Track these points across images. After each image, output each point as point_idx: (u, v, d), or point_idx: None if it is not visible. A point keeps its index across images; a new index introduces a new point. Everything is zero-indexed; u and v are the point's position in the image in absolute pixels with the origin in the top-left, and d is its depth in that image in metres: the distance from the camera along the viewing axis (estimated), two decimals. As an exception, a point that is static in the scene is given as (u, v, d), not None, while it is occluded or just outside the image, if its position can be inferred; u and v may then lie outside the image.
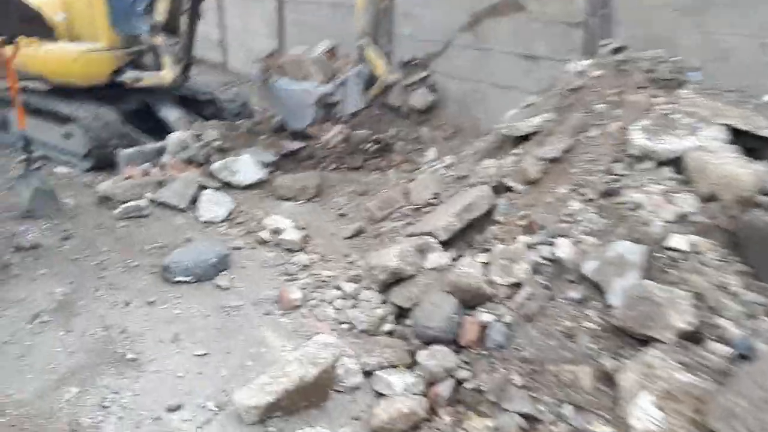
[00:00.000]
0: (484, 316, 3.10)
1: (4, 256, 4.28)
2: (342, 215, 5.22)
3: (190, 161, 6.03)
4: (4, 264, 4.20)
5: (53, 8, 6.71)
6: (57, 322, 3.52)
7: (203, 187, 5.49)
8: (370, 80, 6.23)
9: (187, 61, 6.80)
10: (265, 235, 4.72)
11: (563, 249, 3.15)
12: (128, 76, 6.85)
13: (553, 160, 3.82)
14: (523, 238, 3.40)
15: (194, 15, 6.62)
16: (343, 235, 4.80)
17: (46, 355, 3.23)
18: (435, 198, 4.77)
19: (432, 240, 3.65)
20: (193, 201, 5.34)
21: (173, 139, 6.09)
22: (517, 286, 3.17)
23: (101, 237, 4.73)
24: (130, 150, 6.06)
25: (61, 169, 6.31)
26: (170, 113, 7.00)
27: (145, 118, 7.32)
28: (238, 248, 4.57)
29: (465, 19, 6.96)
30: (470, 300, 3.20)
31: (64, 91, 6.84)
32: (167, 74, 6.79)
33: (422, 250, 3.58)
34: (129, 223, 5.00)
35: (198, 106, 7.53)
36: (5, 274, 4.09)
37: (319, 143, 6.70)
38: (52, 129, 6.60)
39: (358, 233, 4.80)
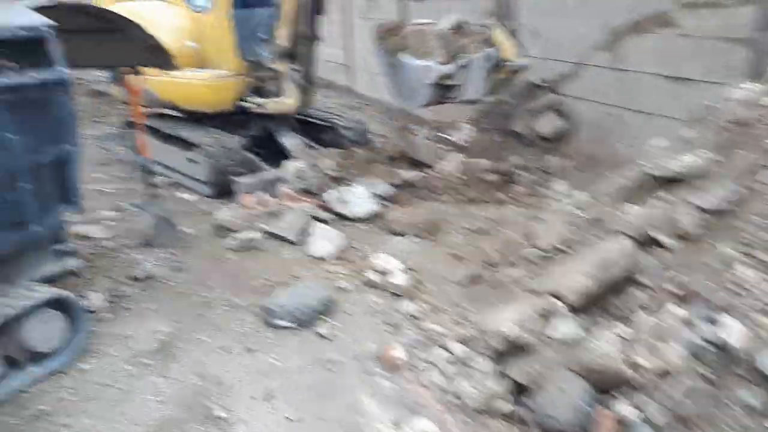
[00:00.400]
0: (623, 408, 2.52)
1: (121, 287, 4.31)
2: (456, 256, 4.78)
3: (305, 191, 5.91)
4: (120, 295, 4.23)
5: (184, 37, 6.97)
6: (155, 366, 3.42)
7: (315, 219, 5.32)
8: (496, 66, 5.70)
9: (308, 87, 6.74)
10: (372, 275, 4.40)
11: (731, 331, 2.50)
12: (252, 102, 6.95)
13: (715, 212, 3.14)
14: (676, 310, 2.77)
15: (313, 39, 6.56)
16: (457, 280, 4.36)
17: (140, 403, 3.11)
18: (564, 244, 4.19)
19: (559, 303, 3.11)
20: (305, 234, 5.18)
21: (290, 167, 6.01)
22: (668, 373, 2.56)
23: (212, 270, 4.67)
24: (248, 178, 6.07)
25: (185, 195, 6.47)
26: (289, 140, 6.98)
27: (266, 145, 7.41)
28: (344, 289, 4.29)
29: (601, 37, 6.27)
30: (605, 384, 2.63)
31: (193, 118, 7.07)
32: (289, 100, 6.79)
33: (546, 315, 3.05)
34: (240, 256, 4.92)
35: (317, 132, 7.49)
36: (118, 305, 4.11)
37: (436, 173, 6.34)
38: (179, 155, 6.82)
39: (473, 280, 4.34)
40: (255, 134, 7.28)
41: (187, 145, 6.62)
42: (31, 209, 3.25)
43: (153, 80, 6.57)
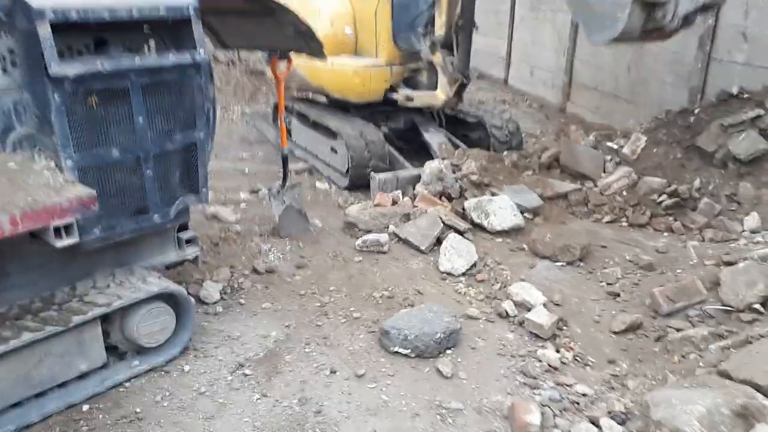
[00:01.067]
0: None
1: (239, 279, 4.13)
2: (613, 294, 4.02)
3: (442, 194, 5.41)
4: (237, 287, 4.05)
5: (343, 23, 6.75)
6: (257, 380, 3.13)
7: (449, 228, 4.81)
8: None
9: (462, 81, 6.20)
10: (507, 306, 3.80)
11: None
12: (401, 94, 6.57)
13: None
14: None
15: (469, 28, 5.98)
16: (612, 327, 3.63)
17: (234, 424, 2.82)
18: (764, 304, 3.31)
19: (761, 399, 2.31)
20: (437, 242, 4.69)
21: (429, 167, 5.53)
22: None
23: (334, 271, 4.35)
24: (384, 174, 5.69)
25: (321, 185, 6.27)
26: (434, 137, 6.52)
27: (410, 139, 7.01)
28: (472, 317, 3.74)
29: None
30: None
31: (340, 106, 6.85)
32: (440, 94, 6.31)
33: (745, 415, 2.27)
34: (365, 258, 4.55)
35: (465, 129, 6.93)
36: (234, 299, 3.92)
37: (597, 187, 5.52)
38: (322, 142, 6.64)
39: (633, 328, 3.58)
40: (400, 127, 6.91)
41: (330, 133, 6.41)
42: (154, 197, 3.09)
43: (305, 65, 6.42)
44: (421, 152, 6.53)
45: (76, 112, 2.73)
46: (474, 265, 4.39)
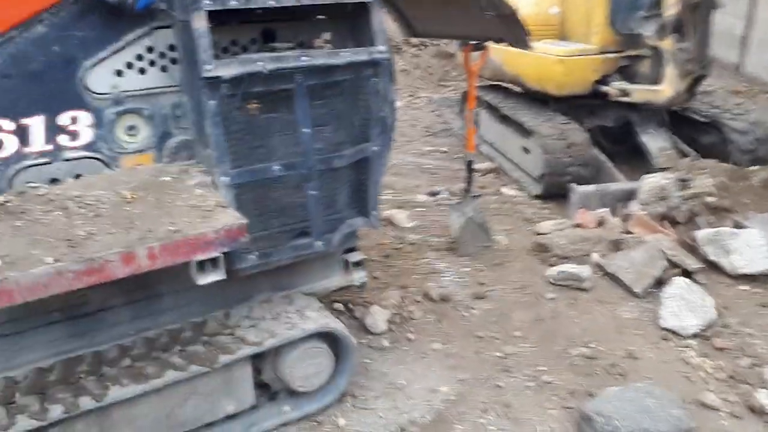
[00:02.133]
0: None
1: (409, 306, 3.58)
2: None
3: (665, 218, 4.32)
4: (406, 317, 3.50)
5: (549, 2, 5.80)
6: (418, 454, 2.55)
7: (674, 266, 3.77)
8: None
9: (698, 74, 4.96)
10: (763, 397, 2.76)
11: None
12: (614, 87, 5.46)
13: None
14: None
15: (708, 7, 4.70)
16: None
17: None
18: None
19: None
20: (657, 284, 3.70)
21: (648, 182, 4.47)
22: None
23: (520, 309, 3.61)
24: (588, 188, 4.73)
25: (508, 191, 5.48)
26: (654, 142, 5.35)
27: (622, 141, 5.88)
28: (710, 408, 2.77)
29: None
30: None
31: (537, 98, 5.94)
32: (666, 89, 5.10)
33: None
34: (560, 296, 3.73)
35: (696, 133, 5.62)
36: (401, 332, 3.38)
37: None
38: (512, 140, 5.82)
39: None
40: (609, 125, 5.80)
41: (523, 130, 5.56)
42: (317, 220, 2.61)
43: (500, 49, 5.60)
44: (635, 158, 5.42)
45: (234, 120, 2.31)
46: (708, 326, 3.34)
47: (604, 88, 5.49)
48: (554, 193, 5.16)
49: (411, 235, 4.53)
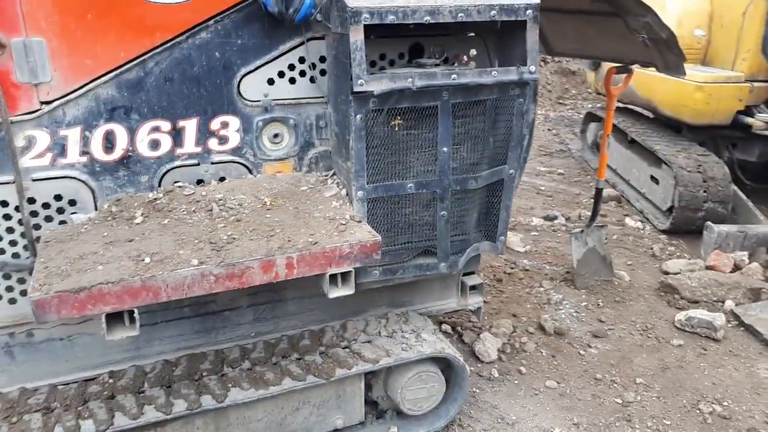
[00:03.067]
0: None
1: (522, 338, 3.43)
2: None
3: (815, 269, 3.89)
4: (518, 348, 3.35)
5: (694, 23, 5.41)
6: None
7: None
8: None
9: None
10: None
11: None
12: (760, 118, 4.99)
13: None
14: None
15: None
16: None
17: None
18: None
19: None
20: (802, 343, 3.33)
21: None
22: None
23: (642, 353, 3.36)
24: (727, 227, 4.34)
25: (632, 222, 5.16)
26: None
27: (764, 177, 5.38)
28: None
29: None
30: None
31: (669, 125, 5.56)
32: None
33: None
34: (688, 343, 3.44)
35: None
36: (512, 363, 3.23)
37: None
38: (641, 168, 5.48)
39: None
40: (752, 160, 5.32)
41: (653, 158, 5.21)
42: (444, 241, 2.54)
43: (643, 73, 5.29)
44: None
45: (376, 135, 2.28)
46: None
47: (749, 120, 5.04)
48: (683, 229, 4.80)
49: (524, 260, 4.36)
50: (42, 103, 2.07)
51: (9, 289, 2.22)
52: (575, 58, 7.41)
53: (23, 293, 2.23)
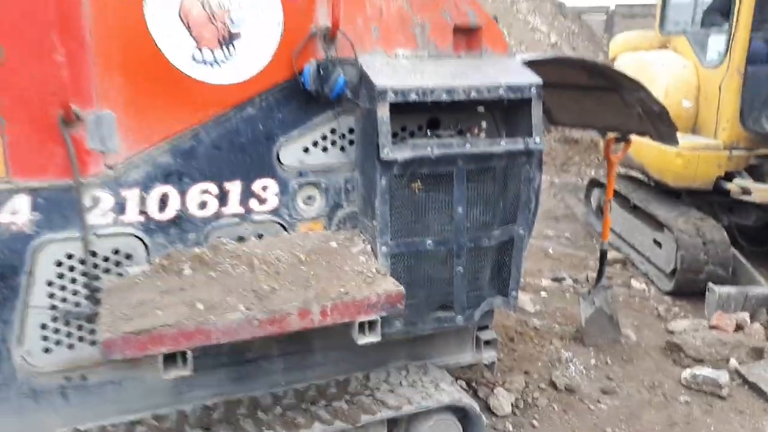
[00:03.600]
0: None
1: (534, 393, 3.57)
2: None
3: (815, 328, 4.05)
4: (530, 403, 3.49)
5: (681, 95, 5.78)
6: None
7: (829, 383, 3.50)
8: None
9: None
10: None
11: None
12: (736, 183, 5.27)
13: None
14: None
15: None
16: None
17: None
18: None
19: None
20: (806, 399, 3.45)
21: (796, 288, 4.22)
22: None
23: (650, 409, 3.49)
24: (728, 289, 4.53)
25: (637, 284, 5.35)
26: (801, 244, 5.05)
27: (761, 240, 5.60)
28: None
29: None
30: None
31: (669, 192, 5.85)
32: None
33: None
34: (694, 400, 3.56)
35: None
36: (525, 418, 3.37)
37: None
38: (643, 232, 5.72)
39: None
40: (749, 224, 5.57)
41: (656, 223, 5.47)
42: (460, 295, 2.76)
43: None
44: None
45: (399, 197, 2.56)
46: None
47: (728, 185, 5.32)
48: (686, 291, 4.98)
49: (535, 319, 4.53)
50: (107, 167, 2.36)
51: (69, 335, 2.44)
52: (576, 128, 7.81)
53: (81, 339, 2.45)
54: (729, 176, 5.34)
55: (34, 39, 2.15)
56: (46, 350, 2.42)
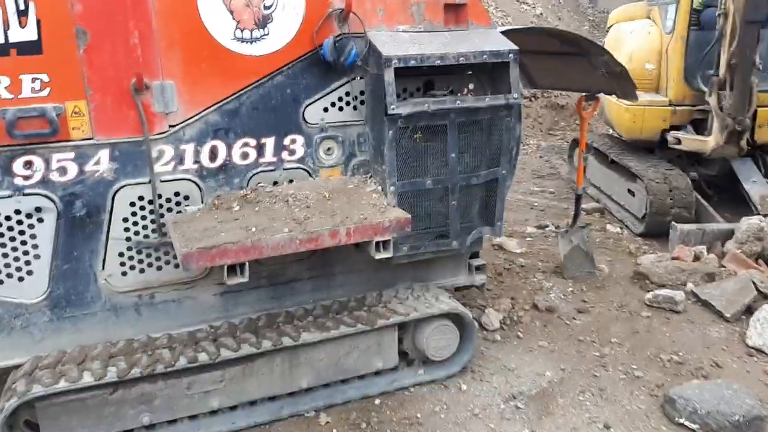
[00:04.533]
0: None
1: (519, 312, 4.23)
2: None
3: (760, 257, 4.71)
4: (516, 320, 4.15)
5: (644, 59, 6.37)
6: (528, 415, 3.18)
7: (765, 297, 4.17)
8: None
9: (737, 128, 5.32)
10: (839, 405, 3.14)
11: None
12: (671, 135, 5.96)
13: None
14: None
15: (745, 66, 5.10)
16: None
17: (500, 453, 2.92)
18: None
19: None
20: (747, 311, 4.11)
21: (747, 223, 4.87)
22: None
23: (617, 323, 4.15)
24: (688, 226, 5.18)
25: (613, 228, 6.00)
26: (756, 189, 5.70)
27: (726, 188, 6.24)
28: (786, 409, 3.18)
29: None
30: None
31: (644, 147, 6.47)
32: (711, 140, 5.57)
33: None
34: (654, 315, 4.23)
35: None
36: (511, 331, 4.03)
37: None
38: (619, 183, 6.36)
39: None
40: (713, 174, 6.22)
41: (629, 174, 6.10)
42: (455, 225, 3.39)
43: (605, 98, 6.26)
44: (738, 205, 5.77)
45: (403, 146, 3.16)
46: (794, 345, 3.73)
47: (667, 136, 6.00)
48: (655, 232, 5.63)
49: (521, 258, 5.18)
50: (170, 126, 2.96)
51: (140, 261, 3.07)
52: (554, 90, 8.41)
53: (150, 265, 3.08)
54: (677, 129, 6.02)
55: (113, 24, 2.73)
56: (124, 274, 3.05)
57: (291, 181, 3.24)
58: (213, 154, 3.07)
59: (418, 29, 3.30)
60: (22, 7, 2.62)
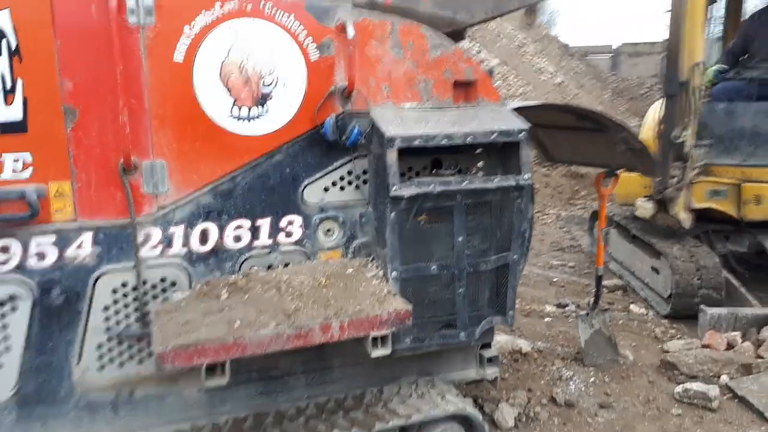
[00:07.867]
0: None
1: (535, 408, 3.87)
2: None
3: (800, 346, 4.32)
4: (531, 417, 3.79)
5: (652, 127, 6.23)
6: None
7: (811, 396, 3.77)
8: None
9: (659, 197, 5.42)
10: None
11: None
12: (638, 202, 5.94)
13: None
14: None
15: (666, 135, 5.38)
16: None
17: None
18: None
19: None
20: (790, 411, 3.71)
21: (783, 309, 4.51)
22: None
23: (644, 421, 3.76)
24: (719, 310, 4.82)
25: (636, 308, 5.64)
26: (790, 269, 5.34)
27: (760, 265, 5.89)
28: None
29: None
30: None
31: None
32: (650, 207, 5.66)
33: None
34: (685, 413, 3.83)
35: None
36: (528, 430, 3.66)
37: None
38: (642, 260, 6.04)
39: None
40: (743, 251, 5.88)
41: (653, 251, 5.79)
42: (462, 315, 3.11)
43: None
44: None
45: (406, 228, 2.94)
46: None
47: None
48: (682, 314, 5.27)
49: (539, 342, 4.84)
50: (159, 207, 2.79)
51: (120, 354, 2.83)
52: (572, 164, 8.25)
53: (130, 357, 2.84)
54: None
55: (103, 101, 2.61)
56: (101, 367, 2.81)
57: (287, 264, 3.03)
58: (204, 237, 2.88)
59: (425, 107, 3.14)
60: (8, 85, 2.52)
